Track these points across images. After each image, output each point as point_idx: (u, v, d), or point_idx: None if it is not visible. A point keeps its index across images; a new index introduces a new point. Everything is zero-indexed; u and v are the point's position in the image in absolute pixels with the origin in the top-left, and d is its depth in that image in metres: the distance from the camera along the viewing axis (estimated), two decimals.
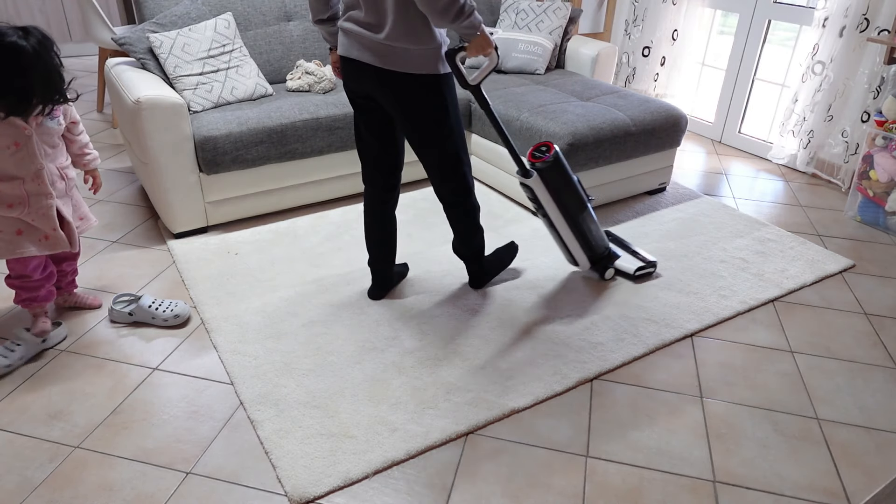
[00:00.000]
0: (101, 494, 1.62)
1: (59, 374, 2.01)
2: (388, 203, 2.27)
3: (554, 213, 2.31)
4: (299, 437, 1.79)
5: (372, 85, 2.01)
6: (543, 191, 2.27)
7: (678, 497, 1.67)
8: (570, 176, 2.30)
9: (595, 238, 2.43)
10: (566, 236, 2.38)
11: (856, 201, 3.16)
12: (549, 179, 2.26)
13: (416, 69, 1.95)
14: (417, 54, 1.94)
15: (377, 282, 2.38)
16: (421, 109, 2.01)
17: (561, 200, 2.30)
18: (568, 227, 2.35)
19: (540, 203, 2.30)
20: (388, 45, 1.92)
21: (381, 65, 1.94)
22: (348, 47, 2.00)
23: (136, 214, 2.96)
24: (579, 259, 2.46)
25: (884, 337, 2.33)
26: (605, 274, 2.51)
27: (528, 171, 2.25)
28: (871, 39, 3.01)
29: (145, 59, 2.79)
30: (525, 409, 1.93)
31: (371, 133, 2.14)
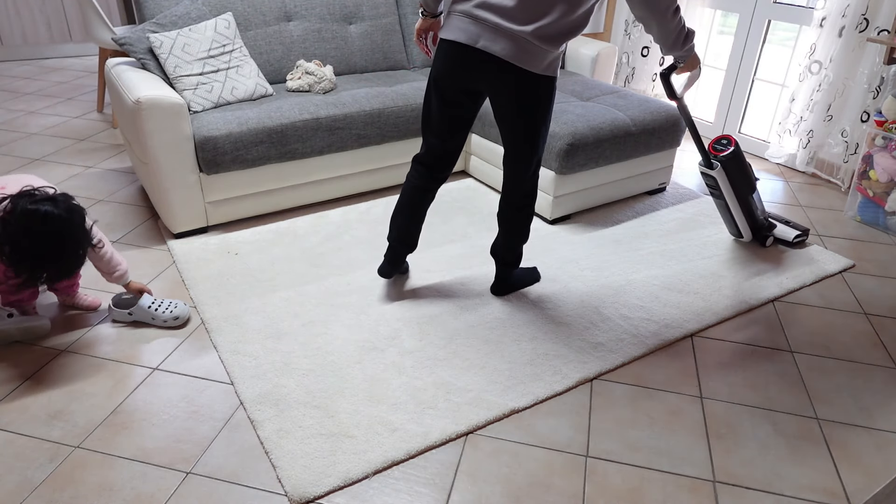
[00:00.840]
0: (101, 494, 1.62)
1: (59, 374, 2.01)
2: (432, 189, 2.25)
3: (730, 197, 2.65)
4: (299, 437, 1.79)
5: (490, 78, 1.94)
6: (725, 180, 2.62)
7: (678, 497, 1.67)
8: (745, 165, 2.64)
9: (759, 213, 2.77)
10: (736, 213, 2.71)
11: (856, 201, 3.16)
12: (729, 170, 2.60)
13: (546, 70, 1.93)
14: (552, 56, 1.92)
15: (391, 258, 2.34)
16: (535, 107, 1.99)
17: (736, 186, 2.64)
18: (739, 206, 2.69)
19: (720, 189, 2.63)
20: (531, 43, 1.86)
21: (515, 60, 1.87)
22: (476, 35, 1.89)
23: (136, 214, 2.96)
24: (744, 231, 2.78)
25: (884, 337, 2.33)
26: (766, 242, 2.81)
27: (711, 163, 2.59)
28: (870, 39, 3.01)
29: (145, 59, 2.79)
30: (525, 409, 1.93)
31: (449, 126, 2.10)
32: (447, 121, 2.09)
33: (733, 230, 2.83)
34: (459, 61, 1.95)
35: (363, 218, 2.96)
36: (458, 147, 2.18)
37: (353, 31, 3.37)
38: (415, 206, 2.27)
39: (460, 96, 2.03)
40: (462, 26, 1.91)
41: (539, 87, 1.95)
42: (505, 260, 2.35)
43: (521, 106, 1.98)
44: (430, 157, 2.19)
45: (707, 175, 2.64)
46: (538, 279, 2.53)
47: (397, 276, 2.47)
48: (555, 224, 2.98)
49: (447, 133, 2.11)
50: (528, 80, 1.92)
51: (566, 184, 2.88)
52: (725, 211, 2.74)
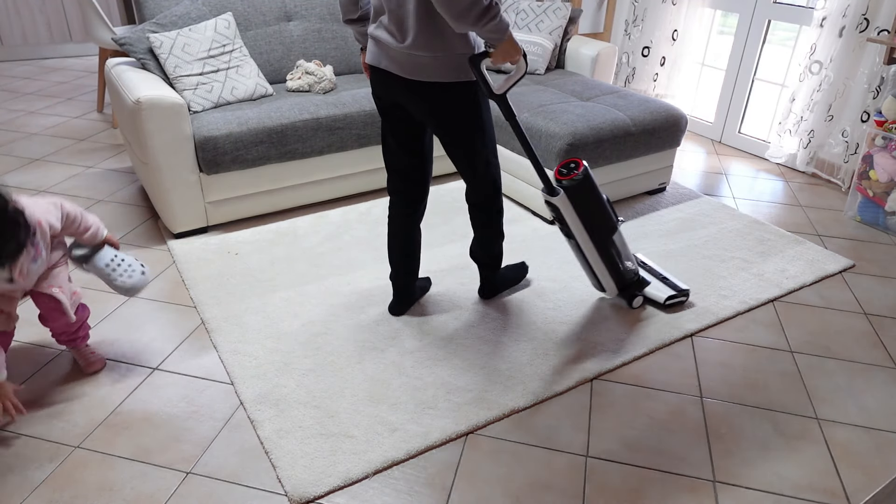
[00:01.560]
0: (101, 494, 1.62)
1: (59, 374, 2.01)
2: (413, 215, 2.19)
3: (581, 235, 2.15)
4: (299, 437, 1.79)
5: (401, 94, 1.94)
6: (571, 211, 2.10)
7: (678, 497, 1.67)
8: (599, 195, 2.13)
9: (624, 263, 2.27)
10: (593, 261, 2.22)
11: (856, 201, 3.16)
12: (577, 198, 2.09)
13: (445, 77, 1.87)
14: (445, 62, 1.85)
15: (399, 297, 2.30)
16: (453, 117, 1.95)
17: (589, 222, 2.13)
18: (596, 250, 2.19)
19: (566, 224, 2.14)
20: (412, 55, 1.84)
21: (408, 75, 1.87)
22: (377, 56, 1.93)
23: (136, 214, 2.96)
24: (606, 285, 2.30)
25: (884, 337, 2.33)
26: (632, 302, 2.35)
27: (554, 189, 2.09)
28: (870, 39, 3.01)
29: (145, 59, 2.79)
30: (525, 409, 1.93)
31: (398, 142, 2.07)
32: (393, 134, 2.07)
33: (593, 281, 2.33)
34: (377, 81, 1.99)
35: (363, 218, 2.96)
36: (418, 162, 2.11)
37: None
38: (403, 236, 2.21)
39: (393, 110, 2.02)
40: (370, 48, 1.96)
41: (448, 95, 1.90)
42: (483, 262, 2.32)
43: (437, 118, 1.95)
44: (395, 179, 2.15)
45: (551, 205, 2.13)
46: (525, 274, 2.49)
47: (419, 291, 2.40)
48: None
49: (401, 151, 2.08)
50: (434, 91, 1.89)
51: None
52: (580, 256, 2.24)
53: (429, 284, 2.46)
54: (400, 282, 2.27)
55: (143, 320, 2.26)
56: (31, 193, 3.12)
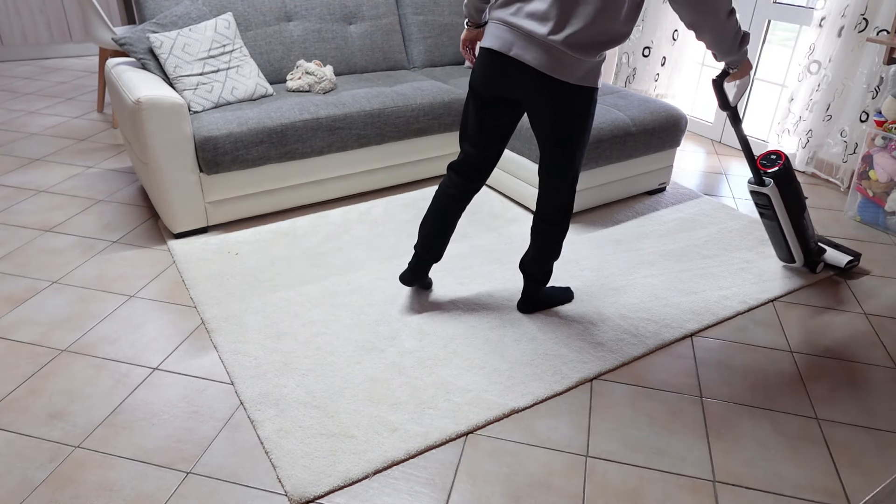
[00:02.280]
0: (101, 494, 1.62)
1: (59, 374, 2.01)
2: (462, 200, 2.19)
3: (783, 216, 2.47)
4: (299, 437, 1.79)
5: (525, 88, 1.88)
6: (778, 197, 2.42)
7: (678, 497, 1.68)
8: (796, 182, 2.46)
9: (811, 236, 2.57)
10: (789, 236, 2.52)
11: (855, 201, 3.16)
12: (783, 186, 2.42)
13: (583, 81, 1.84)
14: (590, 66, 1.83)
15: (413, 266, 2.29)
16: (573, 119, 1.91)
17: (789, 204, 2.45)
18: (792, 227, 2.49)
19: (772, 208, 2.44)
20: (563, 52, 1.79)
21: (549, 71, 1.81)
22: (509, 43, 1.85)
23: (136, 214, 2.96)
24: (797, 256, 2.59)
25: (884, 337, 2.33)
26: (816, 268, 2.64)
27: (763, 180, 2.39)
28: (870, 39, 3.01)
29: (145, 59, 2.79)
30: (525, 409, 1.93)
31: (487, 135, 2.03)
32: (483, 129, 2.03)
33: (784, 255, 2.63)
34: (494, 69, 1.91)
35: (363, 218, 2.96)
36: (493, 157, 2.11)
37: (353, 31, 3.37)
38: (444, 215, 2.19)
39: (496, 103, 1.97)
40: (497, 34, 1.88)
41: (575, 98, 1.87)
42: (533, 276, 2.27)
43: (556, 117, 1.90)
44: (465, 165, 2.12)
45: (758, 193, 2.45)
46: (571, 299, 2.42)
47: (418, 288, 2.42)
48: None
49: (483, 142, 2.05)
50: (563, 90, 1.85)
51: None
52: (777, 233, 2.54)
53: (430, 285, 2.46)
54: (423, 256, 2.26)
55: (143, 320, 2.26)
56: (32, 193, 3.12)
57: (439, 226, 2.21)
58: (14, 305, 2.31)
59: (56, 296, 2.37)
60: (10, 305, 2.32)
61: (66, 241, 2.73)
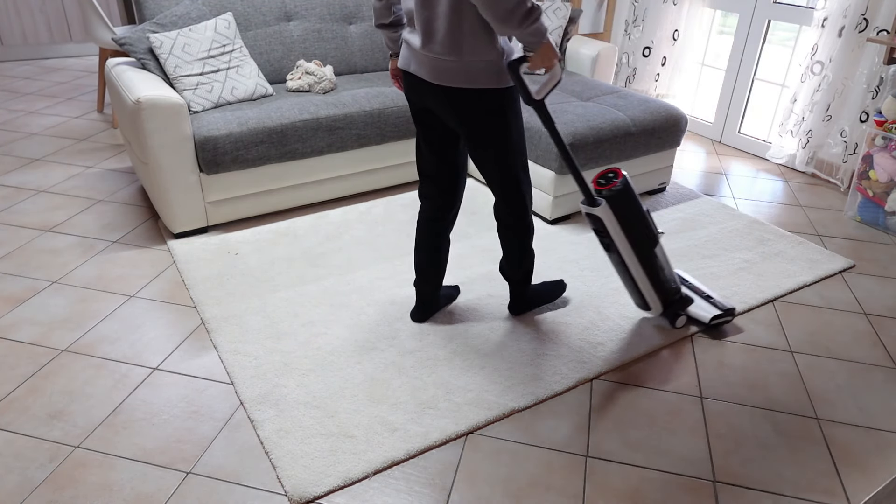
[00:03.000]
0: (101, 494, 1.62)
1: (59, 374, 2.01)
2: (441, 222, 2.14)
3: (624, 247, 2.08)
4: (299, 437, 1.79)
5: (431, 100, 1.90)
6: (613, 221, 2.03)
7: (678, 497, 1.68)
8: (640, 205, 2.06)
9: (667, 277, 2.18)
10: (637, 275, 2.14)
11: (855, 201, 3.16)
12: (619, 208, 2.03)
13: (471, 83, 1.80)
14: (476, 68, 1.79)
15: (421, 304, 2.26)
16: (482, 126, 1.88)
17: (631, 233, 2.06)
18: (639, 263, 2.11)
19: (608, 236, 2.07)
20: (440, 59, 1.80)
21: (436, 81, 1.82)
22: (407, 60, 1.90)
23: (136, 214, 2.96)
24: (651, 302, 2.21)
25: (884, 337, 2.33)
26: (676, 322, 2.26)
27: (595, 200, 2.03)
28: (870, 39, 3.01)
29: (145, 60, 2.79)
30: (525, 409, 1.93)
31: (430, 149, 2.02)
32: (426, 141, 2.03)
33: (634, 298, 2.24)
34: (408, 86, 1.95)
35: (363, 218, 2.96)
36: (450, 170, 2.06)
37: (353, 31, 3.37)
38: (429, 242, 2.16)
39: (425, 116, 1.98)
40: (403, 53, 1.94)
41: (480, 102, 1.83)
42: (513, 278, 2.25)
43: (464, 124, 1.89)
44: (427, 185, 2.12)
45: (591, 216, 2.06)
46: (562, 292, 2.40)
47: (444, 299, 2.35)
48: (555, 224, 2.98)
49: (429, 154, 2.04)
50: (462, 97, 1.83)
51: (566, 184, 2.88)
52: (623, 271, 2.15)
53: (457, 293, 2.41)
54: (423, 288, 2.23)
55: (143, 320, 2.26)
56: (31, 193, 3.12)
57: (428, 255, 2.18)
58: (14, 305, 2.31)
59: (56, 296, 2.37)
60: (10, 305, 2.32)
61: (66, 241, 2.73)
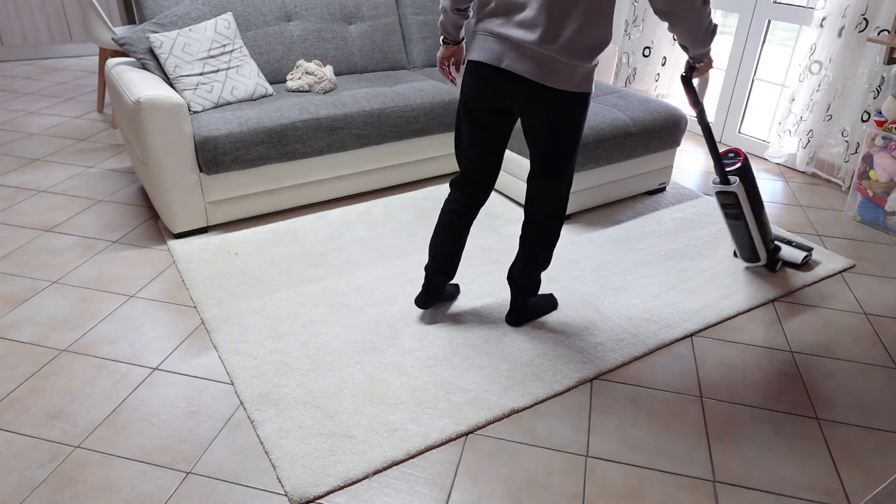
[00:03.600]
0: (101, 494, 1.62)
1: (59, 374, 2.01)
2: (467, 216, 2.14)
3: (749, 213, 2.46)
4: (299, 437, 1.79)
5: (518, 98, 1.85)
6: (744, 195, 2.41)
7: (678, 497, 1.67)
8: (755, 179, 2.48)
9: (770, 232, 2.58)
10: (755, 234, 2.51)
11: (856, 201, 3.16)
12: (746, 184, 2.42)
13: (577, 87, 1.80)
14: (583, 71, 1.79)
15: (428, 289, 2.23)
16: (567, 126, 1.88)
17: (753, 202, 2.46)
18: (756, 225, 2.50)
19: (739, 206, 2.43)
20: (557, 60, 1.76)
21: (543, 80, 1.78)
22: (498, 54, 1.82)
23: (136, 214, 2.96)
24: (761, 253, 2.58)
25: (884, 337, 2.33)
26: (776, 267, 2.66)
27: (729, 179, 2.38)
28: (870, 39, 3.01)
29: (145, 59, 2.79)
30: (525, 409, 1.93)
31: (482, 150, 2.00)
32: (478, 142, 2.00)
33: (748, 255, 2.59)
34: (486, 82, 1.87)
35: (363, 218, 2.96)
36: (492, 169, 2.07)
37: (353, 31, 3.37)
38: (451, 232, 2.14)
39: (489, 116, 1.94)
40: (486, 46, 1.85)
41: (570, 104, 1.84)
42: (523, 287, 2.20)
43: (552, 124, 1.87)
44: (465, 181, 2.09)
45: (725, 193, 2.41)
46: (556, 306, 2.38)
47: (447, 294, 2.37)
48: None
49: (478, 155, 2.02)
50: (559, 98, 1.82)
51: None
52: (743, 233, 2.51)
53: (457, 292, 2.41)
54: (433, 276, 2.21)
55: (143, 320, 2.26)
56: (31, 193, 3.12)
57: (449, 244, 2.16)
58: (14, 305, 2.31)
59: (56, 296, 2.37)
60: (10, 305, 2.32)
61: (66, 241, 2.73)
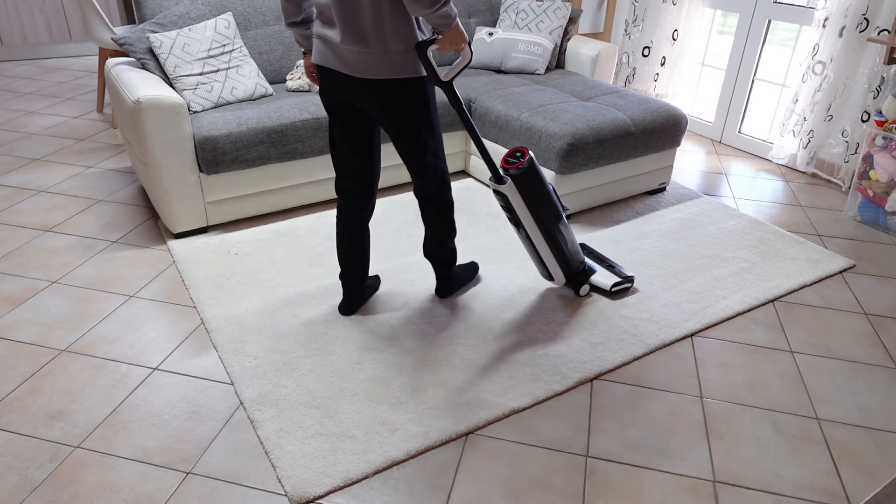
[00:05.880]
0: (101, 494, 1.62)
1: (58, 374, 2.01)
2: (362, 215, 2.19)
3: (528, 222, 2.22)
4: (299, 437, 1.79)
5: (353, 93, 1.96)
6: (518, 198, 2.18)
7: (678, 497, 1.67)
8: (545, 184, 2.22)
9: (571, 251, 2.34)
10: (541, 248, 2.29)
11: (856, 201, 3.16)
12: (524, 186, 2.16)
13: (395, 74, 1.89)
14: (398, 58, 1.88)
15: (348, 297, 2.30)
16: (405, 112, 1.97)
17: (535, 209, 2.21)
18: (543, 238, 2.26)
19: (514, 211, 2.21)
20: (363, 53, 1.86)
21: (360, 74, 1.89)
22: (325, 56, 1.94)
23: (136, 214, 2.96)
24: (555, 274, 2.37)
25: (884, 337, 2.33)
26: (580, 290, 2.43)
27: (501, 178, 2.16)
28: (871, 39, 3.01)
29: (145, 59, 2.79)
30: (525, 409, 1.93)
31: (347, 141, 2.07)
32: (346, 137, 2.07)
33: (542, 271, 2.40)
34: (324, 81, 2.00)
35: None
36: (368, 161, 2.12)
37: None
38: (353, 235, 2.20)
39: (344, 110, 2.02)
40: (318, 48, 1.97)
41: (404, 90, 1.92)
42: (438, 259, 2.31)
43: (390, 114, 1.96)
44: (345, 181, 2.15)
45: (498, 193, 2.20)
46: (476, 272, 2.51)
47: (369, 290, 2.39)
48: None
49: (350, 150, 2.08)
50: (388, 87, 1.91)
51: (566, 184, 2.88)
52: (529, 245, 2.31)
53: (378, 283, 2.46)
54: (349, 282, 2.28)
55: (143, 320, 2.26)
56: (32, 193, 3.12)
57: (354, 248, 2.22)
58: (14, 305, 2.31)
59: (56, 296, 2.37)
60: (10, 305, 2.32)
61: (65, 241, 2.73)
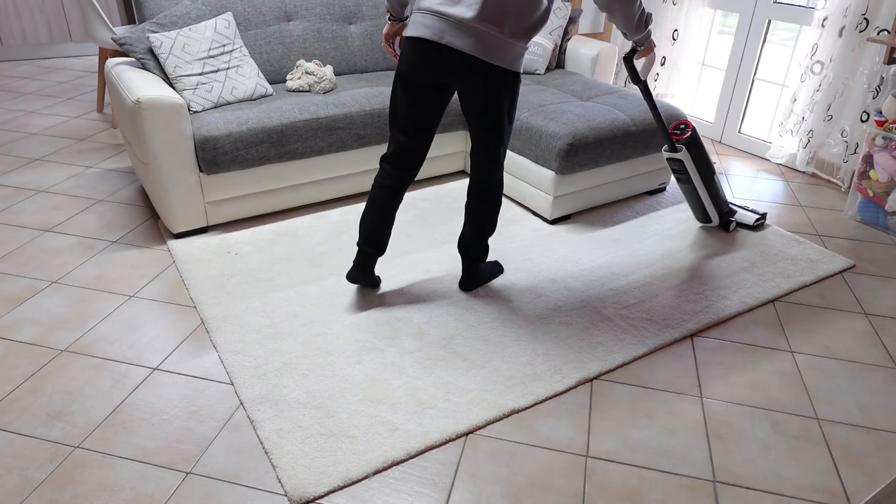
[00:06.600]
0: (101, 494, 1.62)
1: (59, 374, 2.01)
2: (401, 188, 2.26)
3: (696, 178, 2.77)
4: (299, 437, 1.79)
5: (457, 73, 1.99)
6: (690, 162, 2.73)
7: (678, 497, 1.67)
8: (703, 148, 2.78)
9: (722, 196, 2.88)
10: (704, 197, 2.83)
11: (856, 201, 3.16)
12: (693, 152, 2.73)
13: (509, 65, 1.98)
14: (515, 51, 1.97)
15: (359, 262, 2.31)
16: (501, 102, 2.04)
17: (701, 168, 2.76)
18: (706, 189, 2.80)
19: (686, 172, 2.75)
20: (495, 37, 1.93)
21: (480, 55, 1.93)
22: (440, 31, 1.95)
23: (136, 214, 2.96)
24: (712, 215, 2.90)
25: (884, 337, 2.33)
26: (729, 227, 2.94)
27: (676, 147, 2.70)
28: (870, 39, 3.01)
29: (145, 59, 2.79)
30: (525, 409, 1.93)
31: (417, 124, 2.13)
32: (414, 117, 2.12)
33: (701, 216, 2.93)
34: (426, 57, 2.00)
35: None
36: (425, 143, 2.20)
37: (353, 31, 3.37)
38: (383, 208, 2.26)
39: (426, 91, 2.07)
40: (427, 23, 1.97)
41: (504, 81, 2.01)
42: (474, 254, 2.37)
43: (487, 99, 2.03)
44: (398, 155, 2.21)
45: (673, 159, 2.75)
46: (502, 271, 2.57)
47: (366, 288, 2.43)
48: (555, 224, 2.98)
49: (414, 129, 2.15)
50: (495, 74, 1.98)
51: (566, 184, 2.88)
52: (693, 195, 2.85)
53: (378, 282, 2.46)
54: (367, 248, 2.30)
55: (143, 320, 2.26)
56: (31, 193, 3.12)
57: (379, 218, 2.27)
58: (14, 305, 2.31)
59: (56, 296, 2.37)
60: (10, 305, 2.32)
61: (65, 241, 2.73)
